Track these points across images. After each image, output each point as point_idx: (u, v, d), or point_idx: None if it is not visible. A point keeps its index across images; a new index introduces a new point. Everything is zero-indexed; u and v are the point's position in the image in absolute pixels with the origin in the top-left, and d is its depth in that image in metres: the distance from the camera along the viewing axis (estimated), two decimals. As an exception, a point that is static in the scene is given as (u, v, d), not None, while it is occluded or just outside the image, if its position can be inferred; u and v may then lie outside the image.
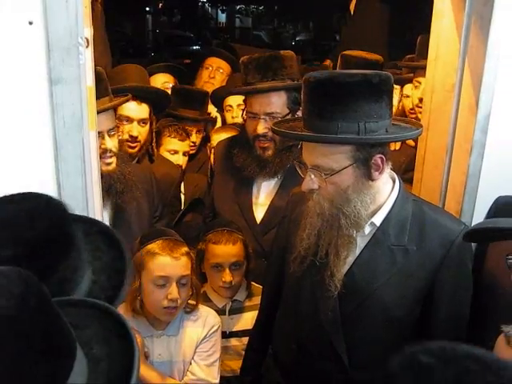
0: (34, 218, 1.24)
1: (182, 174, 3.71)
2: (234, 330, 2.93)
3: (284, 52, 3.02)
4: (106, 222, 2.90)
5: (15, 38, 1.74)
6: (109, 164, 2.81)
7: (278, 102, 2.89)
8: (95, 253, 1.49)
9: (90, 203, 1.97)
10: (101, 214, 2.15)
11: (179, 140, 3.81)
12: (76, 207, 1.92)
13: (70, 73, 1.80)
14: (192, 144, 4.09)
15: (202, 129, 4.25)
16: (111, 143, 2.81)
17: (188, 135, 3.93)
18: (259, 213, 3.07)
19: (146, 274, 2.48)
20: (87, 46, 1.92)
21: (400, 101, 4.09)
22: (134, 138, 3.34)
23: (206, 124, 4.36)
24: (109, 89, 2.89)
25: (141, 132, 3.38)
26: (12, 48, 1.75)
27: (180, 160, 3.82)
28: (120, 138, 3.02)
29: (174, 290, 2.45)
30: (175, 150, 3.81)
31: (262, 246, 3.00)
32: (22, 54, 1.76)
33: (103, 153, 2.77)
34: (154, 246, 2.48)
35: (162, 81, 4.54)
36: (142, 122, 3.39)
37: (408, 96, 3.93)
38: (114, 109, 2.98)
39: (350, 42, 6.64)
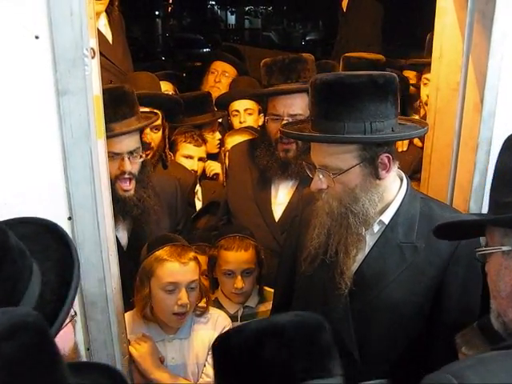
0: None
1: (196, 180, 3.72)
2: None
3: (306, 55, 3.07)
4: (122, 240, 2.88)
5: (23, 52, 1.78)
6: (126, 191, 2.74)
7: (301, 104, 2.92)
8: (44, 253, 1.46)
9: (99, 210, 1.99)
10: (111, 220, 2.17)
11: (194, 145, 3.82)
12: (86, 215, 1.96)
13: (76, 84, 1.83)
14: (218, 142, 4.17)
15: (216, 126, 4.28)
16: (130, 166, 2.71)
17: (204, 141, 3.94)
18: (277, 212, 3.10)
19: (155, 281, 2.50)
20: (93, 57, 1.95)
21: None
22: (147, 145, 3.27)
23: (222, 123, 4.37)
24: (136, 108, 2.83)
25: (153, 138, 3.38)
26: (20, 62, 1.78)
27: (195, 165, 3.83)
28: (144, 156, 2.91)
29: (183, 296, 2.47)
30: (190, 155, 3.82)
31: (280, 245, 3.00)
32: (29, 67, 1.79)
33: (121, 174, 2.71)
34: (161, 253, 2.49)
35: (162, 89, 4.50)
36: (154, 128, 3.38)
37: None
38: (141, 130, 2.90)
39: (344, 41, 6.64)
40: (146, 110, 3.27)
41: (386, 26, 6.58)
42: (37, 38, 1.76)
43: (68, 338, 1.45)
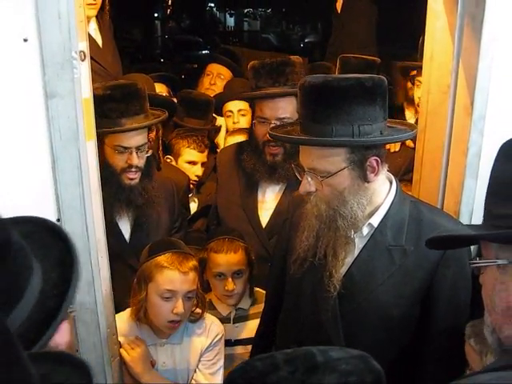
0: None
1: (189, 181, 3.72)
2: (239, 338, 2.94)
3: (294, 57, 3.05)
4: (126, 234, 2.95)
5: (11, 55, 1.79)
6: (132, 179, 2.84)
7: (289, 108, 2.92)
8: (42, 251, 1.47)
9: (88, 212, 2.00)
10: (102, 223, 2.18)
11: (198, 151, 3.83)
12: (74, 216, 1.97)
13: (65, 87, 1.84)
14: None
15: (206, 136, 4.26)
16: (137, 160, 2.81)
17: (206, 146, 3.94)
18: (265, 217, 3.10)
19: (152, 286, 2.49)
20: (83, 60, 1.95)
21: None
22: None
23: (210, 131, 4.37)
24: (146, 106, 2.89)
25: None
26: (8, 65, 1.79)
27: (199, 171, 3.84)
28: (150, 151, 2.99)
29: (179, 305, 2.46)
30: (194, 161, 3.83)
31: (268, 251, 3.02)
32: (17, 70, 1.80)
33: (128, 167, 2.80)
34: (162, 259, 2.48)
35: (156, 91, 4.49)
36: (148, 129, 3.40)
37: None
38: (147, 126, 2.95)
39: (339, 43, 6.64)
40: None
41: (381, 28, 6.58)
42: (25, 40, 1.77)
43: (65, 334, 1.45)
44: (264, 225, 3.08)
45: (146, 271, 2.51)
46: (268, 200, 3.11)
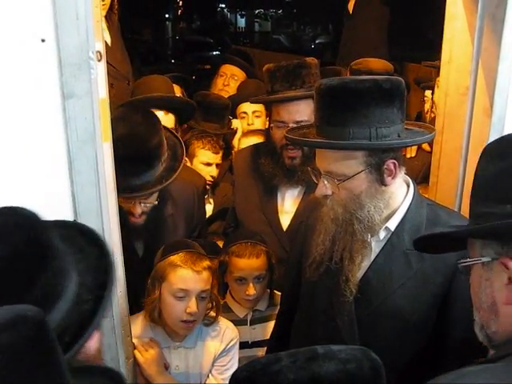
0: (8, 233, 1.25)
1: (205, 183, 3.70)
2: (257, 339, 2.91)
3: (309, 59, 3.01)
4: (139, 250, 2.90)
5: (28, 55, 1.78)
6: (135, 222, 2.73)
7: (306, 110, 2.88)
8: (79, 255, 1.49)
9: (104, 214, 1.99)
10: (117, 224, 2.17)
11: (213, 152, 3.83)
12: (91, 218, 1.96)
13: (82, 87, 1.82)
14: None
15: (222, 138, 4.25)
16: (140, 209, 2.68)
17: (221, 147, 3.94)
18: (285, 220, 3.07)
19: (166, 286, 2.48)
20: (100, 60, 1.94)
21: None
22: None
23: (225, 135, 4.36)
24: (154, 164, 2.68)
25: None
26: (25, 65, 1.78)
27: (214, 172, 3.84)
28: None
29: (193, 304, 2.44)
30: (209, 162, 3.82)
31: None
32: (35, 70, 1.79)
33: (132, 215, 2.70)
34: (176, 258, 2.47)
35: None
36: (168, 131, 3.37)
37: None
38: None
39: (350, 44, 6.62)
40: (161, 112, 3.27)
41: (393, 30, 6.55)
42: (43, 41, 1.76)
43: (95, 340, 1.47)
44: (284, 228, 3.05)
45: (160, 271, 2.49)
46: (287, 204, 3.08)
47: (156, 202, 2.76)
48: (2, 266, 1.21)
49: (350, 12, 6.55)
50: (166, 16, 17.63)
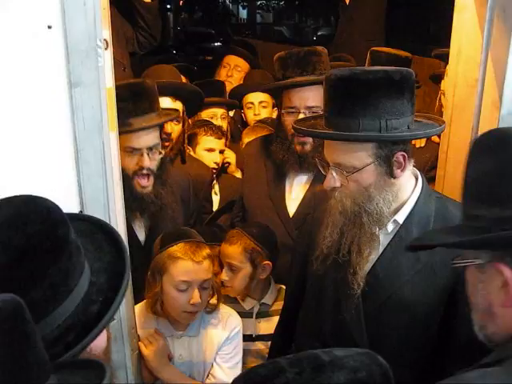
0: (25, 223, 1.25)
1: (212, 175, 3.69)
2: (261, 333, 2.90)
3: (320, 48, 3.03)
4: (141, 235, 2.89)
5: (35, 42, 1.74)
6: (144, 187, 2.73)
7: (318, 96, 2.81)
8: (97, 253, 1.49)
9: (111, 204, 1.97)
10: (123, 215, 2.15)
11: (216, 138, 3.82)
12: (97, 209, 1.94)
13: (89, 75, 1.80)
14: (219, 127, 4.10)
15: (227, 114, 4.26)
16: (149, 162, 2.70)
17: (223, 133, 3.93)
18: (292, 207, 3.05)
19: (167, 278, 2.46)
20: (106, 48, 1.92)
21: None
22: (167, 135, 3.26)
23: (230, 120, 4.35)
24: (156, 104, 2.81)
25: (174, 130, 3.34)
26: (32, 52, 1.75)
27: (217, 158, 3.83)
28: (163, 153, 2.91)
29: (196, 295, 2.43)
30: (212, 148, 3.81)
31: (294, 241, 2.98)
32: (41, 57, 1.76)
33: (139, 169, 2.70)
34: (175, 250, 2.45)
35: None
36: (175, 120, 3.34)
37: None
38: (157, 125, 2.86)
39: (347, 34, 6.58)
40: (168, 99, 3.27)
41: (394, 21, 6.52)
42: (49, 27, 1.73)
43: (102, 341, 1.46)
44: (291, 215, 3.04)
45: (160, 263, 2.48)
46: (295, 191, 3.07)
47: (161, 155, 2.82)
48: (15, 256, 1.20)
49: (347, 2, 6.51)
50: (168, 7, 17.52)
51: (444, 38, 3.66)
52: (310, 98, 2.87)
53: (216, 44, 14.59)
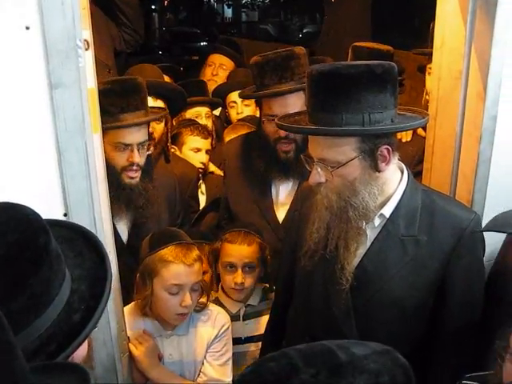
0: (4, 232, 1.22)
1: (198, 174, 3.69)
2: (250, 335, 2.89)
3: (297, 49, 2.93)
4: (123, 235, 2.87)
5: (13, 43, 1.72)
6: (132, 178, 2.75)
7: (298, 103, 2.81)
8: (77, 260, 1.47)
9: (95, 205, 1.95)
10: (109, 217, 2.14)
11: (202, 138, 3.81)
12: (81, 211, 1.92)
13: (70, 76, 1.78)
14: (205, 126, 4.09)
15: (210, 113, 4.25)
16: (138, 158, 2.73)
17: (209, 133, 3.92)
18: (281, 213, 3.03)
19: (158, 281, 2.45)
20: (87, 49, 1.90)
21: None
22: (149, 135, 3.24)
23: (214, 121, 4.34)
24: (146, 102, 2.83)
25: (156, 129, 3.34)
26: (10, 53, 1.73)
27: (204, 158, 3.82)
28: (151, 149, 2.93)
29: (187, 298, 2.43)
30: (198, 147, 3.80)
31: None
32: (20, 59, 1.73)
33: (129, 165, 2.72)
34: (166, 253, 2.43)
35: None
36: (165, 117, 3.37)
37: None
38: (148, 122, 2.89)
39: (333, 31, 6.57)
40: (149, 98, 3.22)
41: (380, 16, 6.52)
42: (27, 28, 1.70)
43: (83, 349, 1.43)
44: (280, 220, 3.01)
45: (150, 266, 2.46)
46: (282, 197, 3.03)
47: (150, 151, 2.85)
48: None
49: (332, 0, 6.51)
50: (153, 7, 17.47)
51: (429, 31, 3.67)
52: (291, 106, 2.81)
53: (202, 44, 14.56)
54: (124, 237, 2.88)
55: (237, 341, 2.81)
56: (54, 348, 1.25)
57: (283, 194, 3.04)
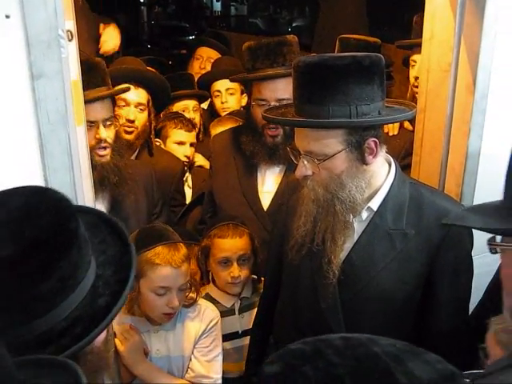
0: (35, 215, 1.24)
1: (183, 167, 3.66)
2: (247, 328, 2.84)
3: (290, 37, 2.97)
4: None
5: (-8, 32, 1.69)
6: (102, 156, 2.75)
7: (288, 88, 2.74)
8: (101, 246, 1.49)
9: (79, 198, 1.92)
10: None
11: (186, 131, 3.78)
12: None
13: (52, 67, 1.74)
14: (192, 120, 4.06)
15: (198, 106, 4.22)
16: (105, 134, 2.74)
17: (194, 126, 3.90)
18: (266, 200, 3.00)
19: (145, 283, 2.41)
20: (71, 40, 1.87)
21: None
22: (130, 122, 3.30)
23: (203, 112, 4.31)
24: (107, 79, 2.83)
25: (138, 117, 3.33)
26: (-10, 43, 1.69)
27: (188, 151, 3.79)
28: (117, 126, 2.95)
29: (174, 299, 2.39)
30: (182, 141, 3.78)
31: None
32: (0, 48, 1.70)
33: (97, 143, 2.72)
34: (153, 255, 2.38)
35: None
36: (139, 106, 3.36)
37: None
38: (112, 99, 2.91)
39: (329, 27, 6.54)
40: (131, 87, 3.26)
41: (372, 11, 6.50)
42: (7, 17, 1.66)
43: (103, 333, 1.45)
44: (265, 208, 2.99)
45: (137, 267, 2.42)
46: (268, 183, 3.02)
47: (117, 127, 2.88)
48: (27, 247, 1.19)
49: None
50: (141, 1, 17.41)
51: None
52: (281, 90, 2.82)
53: (191, 37, 14.51)
54: None
55: (234, 335, 2.80)
56: (79, 330, 1.28)
57: (269, 181, 3.02)
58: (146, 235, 2.50)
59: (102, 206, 2.84)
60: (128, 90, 3.14)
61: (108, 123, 2.78)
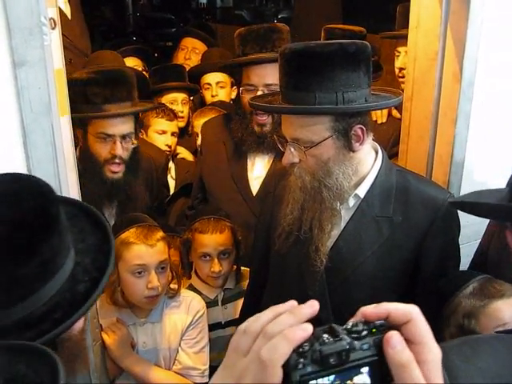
0: (18, 199, 1.26)
1: (167, 159, 3.63)
2: (230, 319, 2.85)
3: (280, 24, 3.02)
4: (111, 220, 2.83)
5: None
6: (115, 172, 2.72)
7: (276, 73, 2.75)
8: (80, 235, 1.50)
9: (63, 190, 1.89)
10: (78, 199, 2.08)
11: (167, 120, 3.76)
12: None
13: (35, 55, 1.70)
14: (181, 113, 4.06)
15: (187, 99, 4.18)
16: (121, 150, 2.69)
17: (175, 116, 3.87)
18: (255, 186, 3.01)
19: (122, 265, 2.40)
20: (54, 28, 1.83)
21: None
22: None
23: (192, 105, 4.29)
24: (133, 93, 2.77)
25: None
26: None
27: (169, 140, 3.76)
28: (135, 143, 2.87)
29: (153, 278, 2.38)
30: (164, 130, 3.75)
31: None
32: (-21, 35, 1.67)
33: (112, 158, 2.69)
34: (127, 235, 2.39)
35: (131, 65, 4.33)
36: (151, 109, 3.37)
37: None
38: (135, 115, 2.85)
39: (304, 15, 6.51)
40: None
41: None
42: (-13, 2, 1.64)
43: (81, 320, 1.45)
44: (254, 193, 2.99)
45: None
46: (257, 169, 3.02)
47: (134, 145, 2.79)
48: (9, 230, 1.20)
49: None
50: (127, -7, 17.27)
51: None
52: (269, 76, 2.81)
53: (176, 29, 14.40)
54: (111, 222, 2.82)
55: (217, 326, 2.79)
56: (59, 315, 1.29)
57: (259, 167, 3.02)
58: (120, 221, 2.54)
59: (110, 216, 2.84)
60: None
61: (127, 139, 2.72)
